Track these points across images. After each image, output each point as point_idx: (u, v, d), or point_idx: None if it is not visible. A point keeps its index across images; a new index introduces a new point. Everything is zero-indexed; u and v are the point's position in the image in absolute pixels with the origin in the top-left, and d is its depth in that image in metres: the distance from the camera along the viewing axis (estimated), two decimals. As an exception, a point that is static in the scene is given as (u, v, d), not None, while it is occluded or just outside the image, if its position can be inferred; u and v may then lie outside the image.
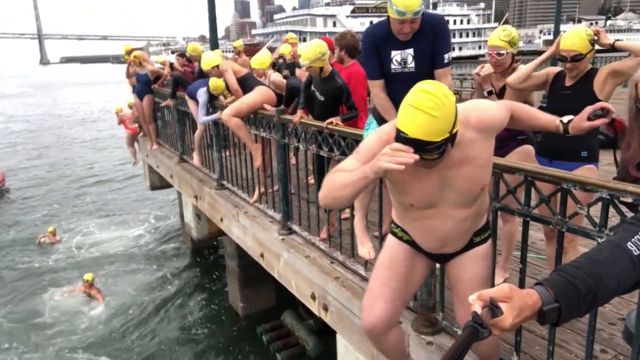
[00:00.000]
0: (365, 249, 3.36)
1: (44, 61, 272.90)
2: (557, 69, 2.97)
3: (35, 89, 61.90)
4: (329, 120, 3.50)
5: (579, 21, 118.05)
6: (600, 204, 1.90)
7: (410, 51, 2.77)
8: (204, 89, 5.57)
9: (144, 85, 8.28)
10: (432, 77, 2.69)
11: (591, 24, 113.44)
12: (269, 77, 5.34)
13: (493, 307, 0.91)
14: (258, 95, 4.71)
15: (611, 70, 2.71)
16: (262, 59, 5.32)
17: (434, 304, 2.81)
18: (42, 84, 72.82)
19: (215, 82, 5.35)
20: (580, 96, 2.66)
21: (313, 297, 3.75)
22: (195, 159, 6.61)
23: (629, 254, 1.01)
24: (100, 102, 38.82)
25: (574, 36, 2.71)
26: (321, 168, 3.77)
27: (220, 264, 8.26)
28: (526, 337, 2.65)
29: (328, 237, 3.88)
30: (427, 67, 2.81)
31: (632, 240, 1.03)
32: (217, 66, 5.16)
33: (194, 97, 5.94)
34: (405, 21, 2.62)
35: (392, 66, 2.80)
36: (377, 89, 2.90)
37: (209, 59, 5.25)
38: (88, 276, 7.62)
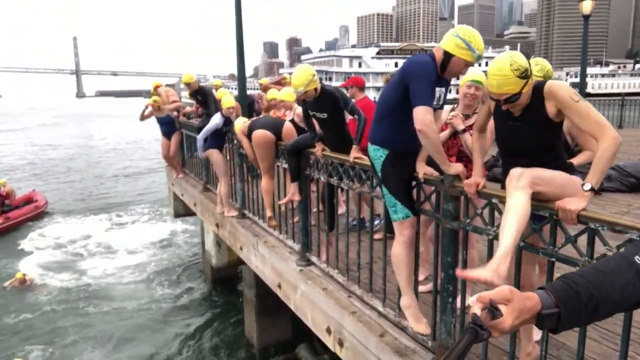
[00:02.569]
0: (421, 324, 3.01)
1: (79, 94, 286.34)
2: None
3: (70, 119, 64.52)
4: (355, 155, 3.51)
5: (607, 64, 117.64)
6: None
7: (443, 90, 2.84)
8: (217, 115, 5.90)
9: (167, 125, 8.63)
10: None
11: (619, 67, 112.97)
12: (294, 110, 5.46)
13: (493, 309, 0.91)
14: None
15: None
16: (291, 92, 5.46)
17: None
18: (77, 115, 75.89)
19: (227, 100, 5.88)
20: (532, 128, 2.30)
21: (329, 331, 3.67)
22: (227, 212, 6.22)
23: (636, 267, 0.99)
24: (132, 133, 40.14)
25: (498, 76, 2.19)
26: (331, 197, 3.93)
27: (238, 293, 8.24)
28: None
29: (327, 258, 3.91)
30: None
31: None
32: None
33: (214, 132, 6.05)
34: (470, 65, 2.69)
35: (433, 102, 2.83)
36: (431, 116, 2.65)
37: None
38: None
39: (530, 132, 2.31)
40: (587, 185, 2.05)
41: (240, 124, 5.30)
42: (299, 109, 5.53)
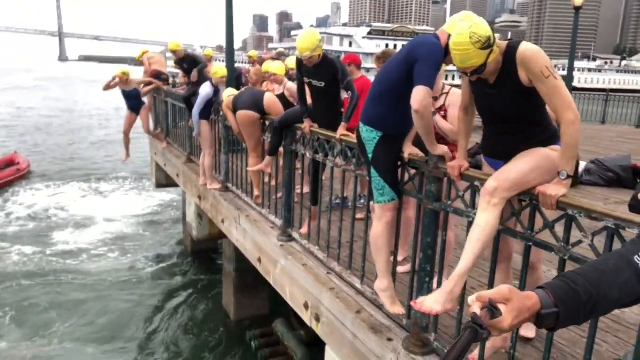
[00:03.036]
0: (397, 306, 3.05)
1: (62, 58, 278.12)
2: None
3: (51, 82, 62.73)
4: (342, 133, 3.50)
5: (594, 59, 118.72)
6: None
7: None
8: (207, 84, 5.81)
9: (134, 100, 8.48)
10: None
11: (606, 62, 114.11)
12: (284, 84, 5.39)
13: (492, 309, 0.92)
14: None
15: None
16: (282, 67, 5.40)
17: (427, 324, 2.77)
18: (58, 78, 73.83)
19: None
20: (506, 95, 2.24)
21: (306, 306, 3.72)
22: (209, 184, 6.15)
23: (634, 266, 1.01)
24: (116, 99, 39.25)
25: (460, 50, 2.14)
26: (316, 172, 4.00)
27: (217, 267, 8.26)
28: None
29: (309, 232, 3.96)
30: None
31: (639, 253, 1.02)
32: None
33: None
34: None
35: None
36: (430, 98, 2.63)
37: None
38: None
39: (505, 100, 2.24)
40: (564, 173, 2.08)
41: (226, 96, 5.22)
42: (289, 84, 5.47)
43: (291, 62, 6.41)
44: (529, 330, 2.80)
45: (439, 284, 2.71)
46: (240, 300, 6.51)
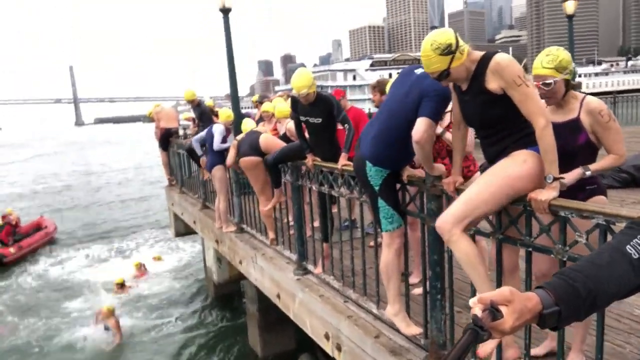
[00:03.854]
0: (412, 328, 3.07)
1: (78, 122, 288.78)
2: None
3: (68, 147, 64.90)
4: (343, 163, 3.64)
5: (599, 63, 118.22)
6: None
7: None
8: (216, 124, 6.16)
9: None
10: None
11: (612, 65, 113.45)
12: (285, 124, 5.58)
13: (493, 310, 0.91)
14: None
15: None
16: (286, 109, 5.59)
17: (444, 341, 2.78)
18: (75, 143, 76.41)
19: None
20: (477, 101, 2.31)
21: (327, 337, 3.74)
22: (225, 228, 6.32)
23: (628, 257, 1.01)
24: (130, 158, 40.38)
25: (423, 56, 2.28)
26: (324, 207, 4.06)
27: (241, 308, 8.29)
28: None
29: (323, 268, 4.06)
30: None
31: (631, 243, 1.03)
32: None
33: (206, 141, 6.28)
34: None
35: None
36: (432, 130, 2.72)
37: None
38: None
39: (476, 106, 2.33)
40: (550, 177, 2.15)
41: (243, 127, 5.56)
42: (289, 124, 5.66)
43: (268, 106, 6.31)
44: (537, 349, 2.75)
45: (451, 304, 2.74)
46: (265, 338, 6.51)
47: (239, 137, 5.42)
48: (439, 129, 3.41)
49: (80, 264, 12.22)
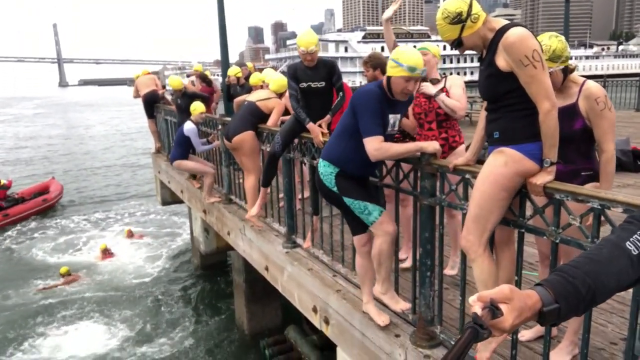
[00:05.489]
0: (400, 304, 3.10)
1: (62, 84, 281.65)
2: None
3: (52, 109, 63.38)
4: (323, 127, 3.76)
5: (591, 46, 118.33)
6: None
7: (398, 116, 2.88)
8: (187, 123, 6.09)
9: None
10: None
11: (603, 49, 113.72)
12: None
13: (493, 308, 0.92)
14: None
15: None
16: (283, 80, 5.37)
17: (432, 317, 2.82)
18: (59, 105, 74.63)
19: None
20: (486, 73, 2.26)
21: (315, 310, 3.78)
22: (208, 199, 6.28)
23: (628, 253, 1.01)
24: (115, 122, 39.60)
25: (437, 25, 2.29)
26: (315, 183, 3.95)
27: (228, 280, 8.33)
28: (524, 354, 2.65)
29: (312, 242, 4.04)
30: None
31: (631, 239, 1.03)
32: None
33: (184, 141, 6.13)
34: (412, 79, 2.69)
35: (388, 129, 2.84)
36: (379, 144, 2.73)
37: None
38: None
39: (484, 77, 2.27)
40: (547, 161, 2.14)
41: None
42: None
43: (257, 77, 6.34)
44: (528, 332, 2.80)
45: (440, 280, 2.77)
46: (252, 310, 6.57)
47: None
48: (434, 90, 3.44)
49: (50, 243, 11.25)
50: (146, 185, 16.73)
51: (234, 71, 7.66)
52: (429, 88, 3.48)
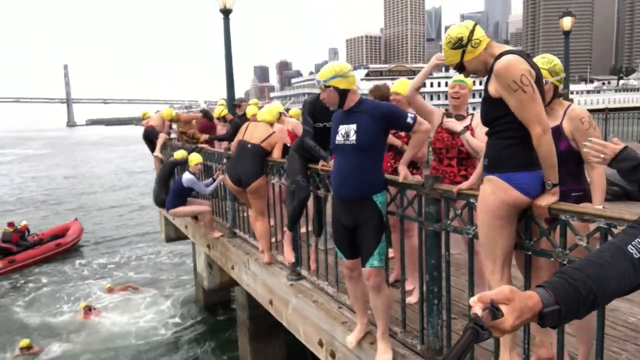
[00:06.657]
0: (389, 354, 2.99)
1: (70, 123, 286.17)
2: None
3: (58, 148, 64.27)
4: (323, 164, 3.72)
5: (591, 81, 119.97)
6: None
7: (354, 125, 2.86)
8: (185, 174, 6.21)
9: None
10: None
11: (603, 83, 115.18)
12: (287, 123, 5.48)
13: (494, 309, 0.91)
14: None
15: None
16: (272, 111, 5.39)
17: (441, 347, 2.75)
18: (66, 144, 75.81)
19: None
20: (483, 97, 2.29)
21: (320, 343, 3.68)
22: (217, 234, 6.23)
23: (630, 257, 1.02)
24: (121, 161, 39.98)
25: (443, 43, 2.36)
26: (319, 203, 4.03)
27: (232, 317, 8.17)
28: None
29: (317, 267, 4.06)
30: None
31: (633, 243, 1.04)
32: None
33: (183, 191, 6.26)
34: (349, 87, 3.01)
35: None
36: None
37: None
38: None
39: (482, 102, 2.29)
40: (549, 183, 2.13)
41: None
42: (292, 121, 5.60)
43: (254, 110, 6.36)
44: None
45: (448, 309, 2.71)
46: (255, 347, 6.41)
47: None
48: (459, 127, 3.32)
49: (36, 294, 10.38)
50: (148, 225, 16.56)
51: (217, 111, 8.04)
52: (454, 125, 3.34)
